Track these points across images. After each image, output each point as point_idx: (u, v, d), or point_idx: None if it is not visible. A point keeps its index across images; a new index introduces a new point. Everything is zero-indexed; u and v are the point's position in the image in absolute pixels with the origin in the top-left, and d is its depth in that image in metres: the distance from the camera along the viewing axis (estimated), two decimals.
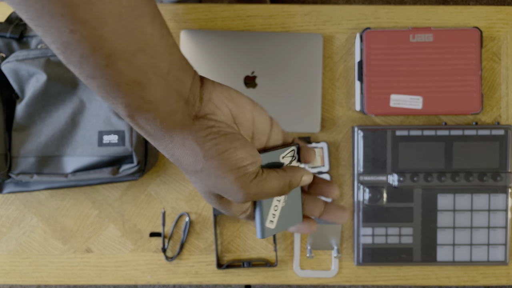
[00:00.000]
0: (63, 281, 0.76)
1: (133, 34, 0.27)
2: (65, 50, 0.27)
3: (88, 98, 0.67)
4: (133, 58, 0.28)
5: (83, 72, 0.28)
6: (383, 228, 0.72)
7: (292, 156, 0.39)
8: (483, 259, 0.73)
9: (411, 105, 0.72)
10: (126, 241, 0.75)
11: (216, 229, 0.75)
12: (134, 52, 0.28)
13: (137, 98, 0.29)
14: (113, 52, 0.27)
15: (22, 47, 0.69)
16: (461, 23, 0.75)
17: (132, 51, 0.28)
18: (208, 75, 0.73)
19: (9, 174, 0.68)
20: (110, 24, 0.26)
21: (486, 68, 0.75)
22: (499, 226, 0.73)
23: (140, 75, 0.29)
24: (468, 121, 0.75)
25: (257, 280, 0.75)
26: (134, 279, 0.75)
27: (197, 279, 0.75)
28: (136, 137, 0.66)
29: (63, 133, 0.67)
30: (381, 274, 0.75)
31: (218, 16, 0.76)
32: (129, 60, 0.28)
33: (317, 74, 0.74)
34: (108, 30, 0.26)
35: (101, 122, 0.66)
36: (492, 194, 0.72)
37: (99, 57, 0.27)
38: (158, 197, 0.75)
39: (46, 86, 0.66)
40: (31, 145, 0.67)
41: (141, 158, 0.67)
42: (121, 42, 0.27)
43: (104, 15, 0.26)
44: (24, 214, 0.75)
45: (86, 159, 0.67)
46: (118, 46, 0.27)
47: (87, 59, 0.27)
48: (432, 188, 0.72)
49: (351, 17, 0.76)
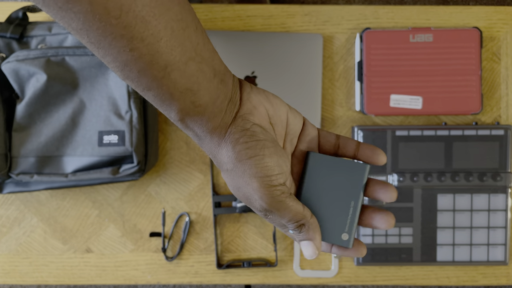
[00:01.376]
0: (63, 281, 0.76)
1: (184, 44, 0.29)
2: (124, 67, 0.29)
3: (88, 98, 0.67)
4: (185, 67, 0.30)
5: (140, 85, 0.30)
6: None
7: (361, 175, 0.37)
8: (483, 259, 0.73)
9: (411, 105, 0.72)
10: (126, 241, 0.75)
11: (216, 229, 0.75)
12: (186, 61, 0.30)
13: (189, 103, 0.31)
14: (168, 64, 0.29)
15: (22, 47, 0.69)
16: (461, 23, 0.75)
17: (184, 60, 0.30)
18: None
19: (9, 174, 0.68)
20: (164, 38, 0.28)
21: (486, 68, 0.75)
22: (499, 226, 0.73)
23: (191, 82, 0.30)
24: (468, 121, 0.75)
25: (257, 280, 0.75)
26: (134, 279, 0.76)
27: (197, 279, 0.75)
28: (136, 137, 0.66)
29: (63, 133, 0.67)
30: (381, 274, 0.75)
31: (218, 16, 0.76)
32: (182, 69, 0.30)
33: (317, 74, 0.74)
34: (163, 44, 0.28)
35: (101, 122, 0.66)
36: (492, 194, 0.72)
37: (156, 70, 0.29)
38: (158, 197, 0.75)
39: (46, 86, 0.66)
40: (31, 145, 0.67)
41: (141, 158, 0.67)
42: (175, 54, 0.29)
43: (159, 30, 0.28)
44: (24, 214, 0.75)
45: (86, 159, 0.67)
46: (172, 57, 0.29)
47: (145, 73, 0.29)
48: (432, 188, 0.72)
49: (351, 17, 0.76)
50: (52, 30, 0.69)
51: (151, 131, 0.70)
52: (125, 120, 0.66)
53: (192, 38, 0.30)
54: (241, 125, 0.34)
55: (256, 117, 0.35)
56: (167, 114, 0.33)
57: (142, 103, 0.68)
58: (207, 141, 0.34)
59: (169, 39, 0.29)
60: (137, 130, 0.66)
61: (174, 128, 0.76)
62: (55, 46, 0.68)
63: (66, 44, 0.69)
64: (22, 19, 0.70)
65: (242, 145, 0.33)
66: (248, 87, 0.36)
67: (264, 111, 0.35)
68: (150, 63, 0.29)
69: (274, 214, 0.35)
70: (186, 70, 0.30)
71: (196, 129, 0.33)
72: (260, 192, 0.34)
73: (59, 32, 0.69)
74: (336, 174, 0.37)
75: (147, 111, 0.69)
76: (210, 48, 0.32)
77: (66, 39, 0.69)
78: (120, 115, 0.66)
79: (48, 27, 0.69)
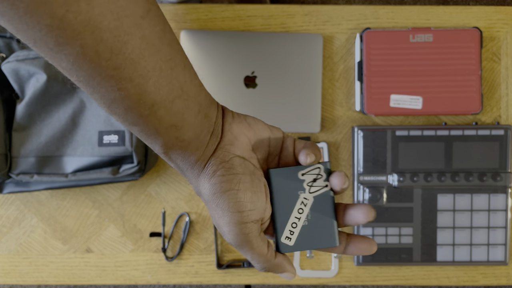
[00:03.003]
0: (63, 281, 0.76)
1: (171, 83, 0.30)
2: (111, 104, 0.29)
3: (88, 98, 0.67)
4: (171, 105, 0.30)
5: (126, 121, 0.31)
6: (383, 228, 0.73)
7: (316, 174, 0.37)
8: (483, 259, 0.73)
9: (411, 105, 0.72)
10: (126, 241, 0.75)
11: (216, 229, 0.75)
12: (172, 100, 0.30)
13: (173, 138, 0.32)
14: (155, 102, 0.29)
15: (22, 47, 0.69)
16: (461, 23, 0.75)
17: (171, 99, 0.30)
18: (208, 75, 0.73)
19: (9, 174, 0.68)
20: (153, 79, 0.29)
21: (486, 68, 0.75)
22: (499, 226, 0.73)
23: (176, 118, 0.31)
24: (468, 121, 0.75)
25: (257, 280, 0.75)
26: (134, 279, 0.75)
27: (197, 279, 0.75)
28: (136, 137, 0.66)
29: (63, 133, 0.67)
30: (381, 274, 0.75)
31: (218, 16, 0.76)
32: (168, 107, 0.30)
33: (317, 74, 0.74)
34: (151, 84, 0.29)
35: (101, 122, 0.66)
36: (492, 194, 0.72)
37: (143, 108, 0.29)
38: (158, 197, 0.75)
39: (46, 86, 0.66)
40: (31, 145, 0.67)
41: (141, 158, 0.67)
42: (162, 93, 0.29)
43: (147, 71, 0.28)
44: (24, 214, 0.75)
45: (86, 159, 0.67)
46: (159, 96, 0.29)
47: (131, 110, 0.30)
48: (432, 188, 0.72)
49: (351, 17, 0.76)
50: None
51: None
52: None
53: (179, 76, 0.30)
54: (221, 157, 0.34)
55: (237, 148, 0.35)
56: (151, 147, 0.33)
57: None
58: (189, 173, 0.35)
59: (158, 79, 0.29)
60: None
61: None
62: None
63: None
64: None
65: (218, 177, 0.34)
66: (230, 116, 0.36)
67: (246, 140, 0.36)
68: (138, 102, 0.29)
69: (241, 250, 0.35)
70: (172, 108, 0.30)
71: (179, 162, 0.34)
72: (229, 227, 0.34)
73: None
74: (300, 182, 0.37)
75: None
76: (196, 83, 0.32)
77: None
78: None
79: None
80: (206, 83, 0.73)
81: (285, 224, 0.37)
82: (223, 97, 0.73)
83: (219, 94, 0.73)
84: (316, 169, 0.37)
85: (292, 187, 0.37)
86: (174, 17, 0.76)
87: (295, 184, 0.37)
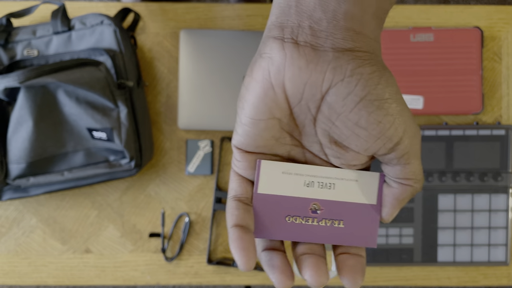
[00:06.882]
0: (62, 281, 0.75)
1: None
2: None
3: (64, 95, 0.66)
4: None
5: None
6: (384, 228, 0.72)
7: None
8: (484, 260, 0.73)
9: (411, 105, 0.72)
10: (125, 242, 0.75)
11: (212, 224, 0.75)
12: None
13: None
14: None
15: (8, 53, 0.68)
16: (461, 23, 0.75)
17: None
18: (208, 75, 0.73)
19: (6, 181, 0.67)
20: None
21: (487, 68, 0.75)
22: (499, 227, 0.72)
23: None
24: (469, 121, 0.75)
25: (257, 281, 0.75)
26: (134, 279, 0.75)
27: (197, 280, 0.75)
28: (126, 133, 0.66)
29: (51, 133, 0.66)
30: (381, 274, 0.75)
31: (218, 15, 0.75)
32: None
33: None
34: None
35: (89, 119, 0.66)
36: (493, 194, 0.72)
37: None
38: (158, 198, 0.75)
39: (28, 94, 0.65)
40: (22, 151, 0.66)
41: (133, 153, 0.67)
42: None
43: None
44: (23, 215, 0.75)
45: (79, 154, 0.67)
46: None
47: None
48: (432, 188, 0.72)
49: None
50: (37, 33, 0.68)
51: (142, 126, 0.69)
52: (112, 118, 0.66)
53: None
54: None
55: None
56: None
57: (130, 99, 0.67)
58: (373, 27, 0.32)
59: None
60: (126, 127, 0.66)
61: (173, 128, 0.75)
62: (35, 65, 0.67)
63: (51, 46, 0.68)
64: (7, 26, 0.69)
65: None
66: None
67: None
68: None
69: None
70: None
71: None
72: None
73: (43, 35, 0.68)
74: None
75: (135, 107, 0.68)
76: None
77: (51, 41, 0.68)
78: (105, 112, 0.66)
79: (33, 31, 0.68)
80: (206, 82, 0.73)
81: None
82: (223, 97, 0.73)
83: (219, 94, 0.73)
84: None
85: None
86: (174, 16, 0.75)
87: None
